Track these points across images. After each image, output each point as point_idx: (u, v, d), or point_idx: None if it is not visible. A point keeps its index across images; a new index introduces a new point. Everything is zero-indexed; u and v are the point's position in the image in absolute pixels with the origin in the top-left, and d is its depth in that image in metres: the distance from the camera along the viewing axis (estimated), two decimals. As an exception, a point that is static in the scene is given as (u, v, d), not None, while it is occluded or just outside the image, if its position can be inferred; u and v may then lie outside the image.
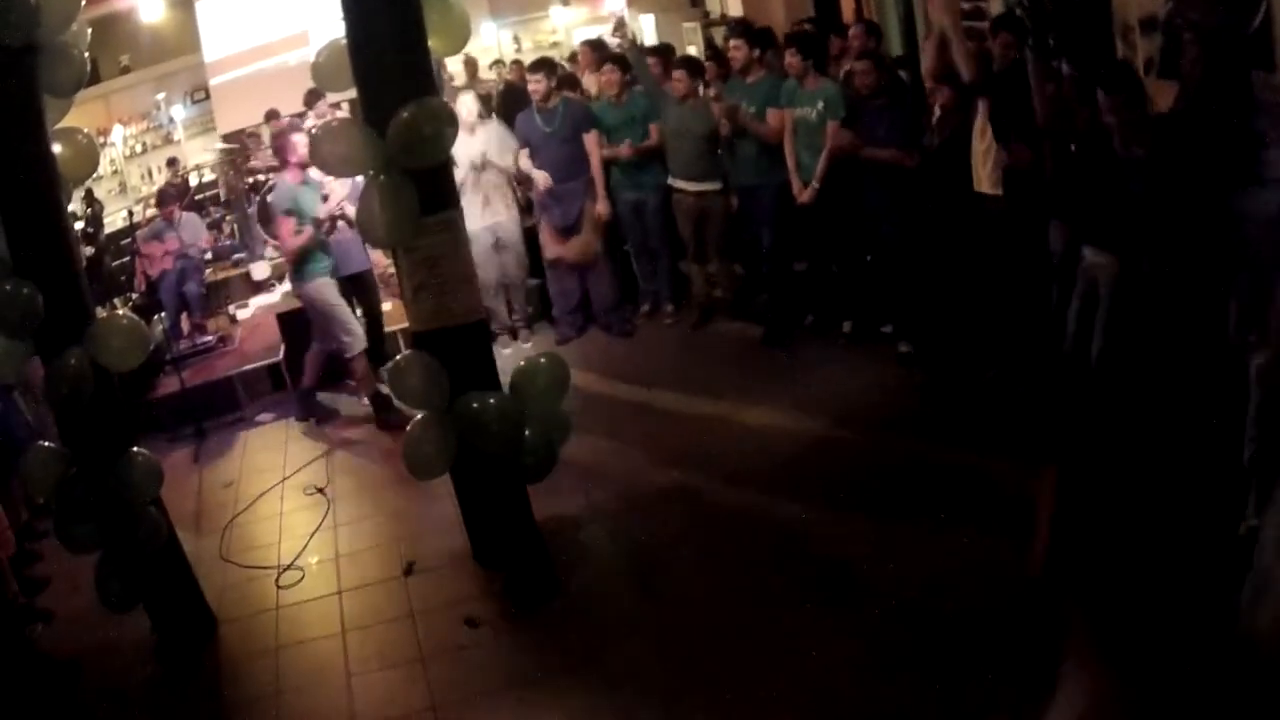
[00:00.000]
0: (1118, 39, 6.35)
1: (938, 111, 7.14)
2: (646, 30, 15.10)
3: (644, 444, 7.24)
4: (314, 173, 8.05)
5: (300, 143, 7.99)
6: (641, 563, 5.87)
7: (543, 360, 6.13)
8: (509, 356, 8.52)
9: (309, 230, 8.18)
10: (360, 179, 5.89)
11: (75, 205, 10.47)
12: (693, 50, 12.32)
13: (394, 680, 5.36)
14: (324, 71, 5.82)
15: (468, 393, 5.65)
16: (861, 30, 8.22)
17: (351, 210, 8.09)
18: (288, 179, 8.35)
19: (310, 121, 10.16)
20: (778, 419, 7.13)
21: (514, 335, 9.51)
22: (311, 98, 11.31)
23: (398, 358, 6.00)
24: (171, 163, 14.18)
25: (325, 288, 8.24)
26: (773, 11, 11.74)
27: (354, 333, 8.42)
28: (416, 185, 5.43)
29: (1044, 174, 6.14)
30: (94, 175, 6.82)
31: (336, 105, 10.63)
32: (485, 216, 8.91)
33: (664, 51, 10.07)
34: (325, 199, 8.20)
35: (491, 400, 5.69)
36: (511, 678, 5.14)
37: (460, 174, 7.51)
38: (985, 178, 6.75)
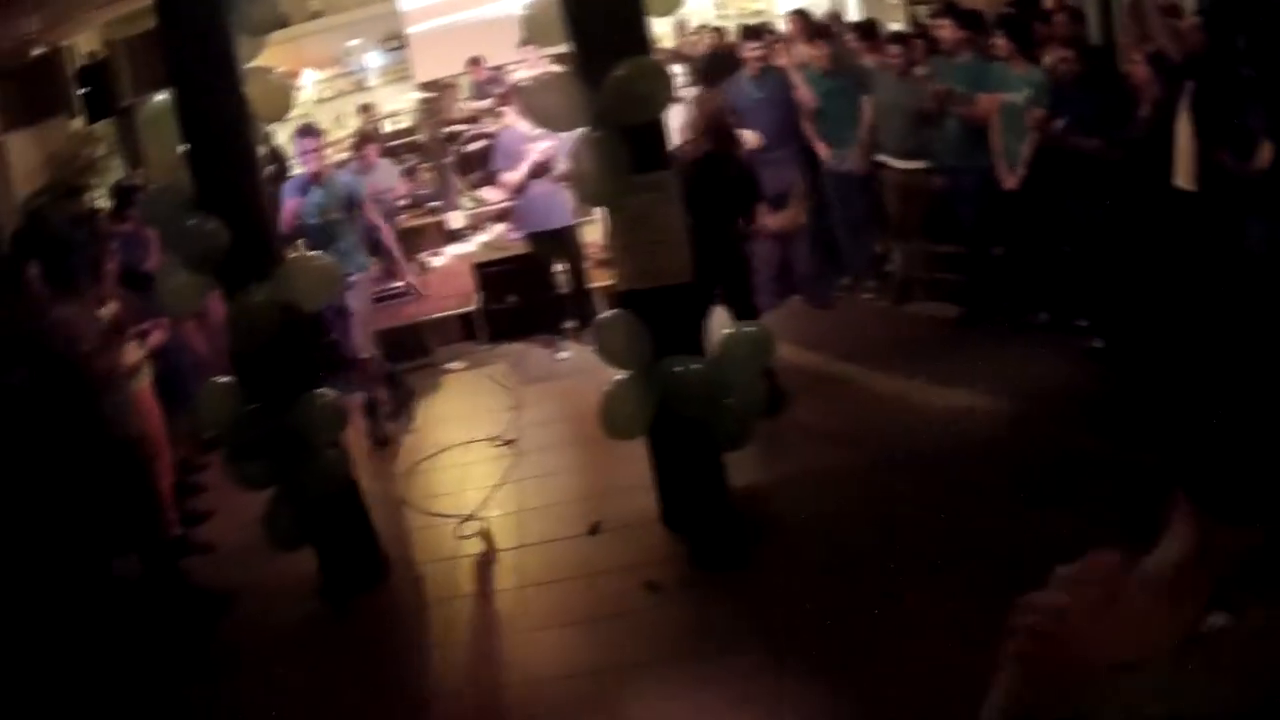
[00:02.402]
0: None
1: (1145, 109, 6.87)
2: (851, 4, 14.69)
3: (835, 417, 7.09)
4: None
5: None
6: (827, 539, 5.67)
7: (750, 329, 6.05)
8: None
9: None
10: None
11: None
12: (895, 26, 11.92)
13: (566, 639, 5.32)
14: (535, 25, 5.77)
15: (671, 355, 5.54)
16: (1066, 17, 8.05)
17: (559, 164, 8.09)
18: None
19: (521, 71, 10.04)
20: (966, 402, 6.89)
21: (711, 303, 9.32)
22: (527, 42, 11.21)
23: (602, 316, 5.95)
24: (366, 108, 14.27)
25: None
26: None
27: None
28: (628, 143, 5.32)
29: (1248, 170, 5.97)
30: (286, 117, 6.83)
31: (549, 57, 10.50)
32: None
33: (867, 27, 9.78)
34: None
35: (695, 365, 5.58)
36: (685, 646, 5.02)
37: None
38: (1185, 172, 6.46)
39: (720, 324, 6.41)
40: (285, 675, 5.38)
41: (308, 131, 7.96)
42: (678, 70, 8.60)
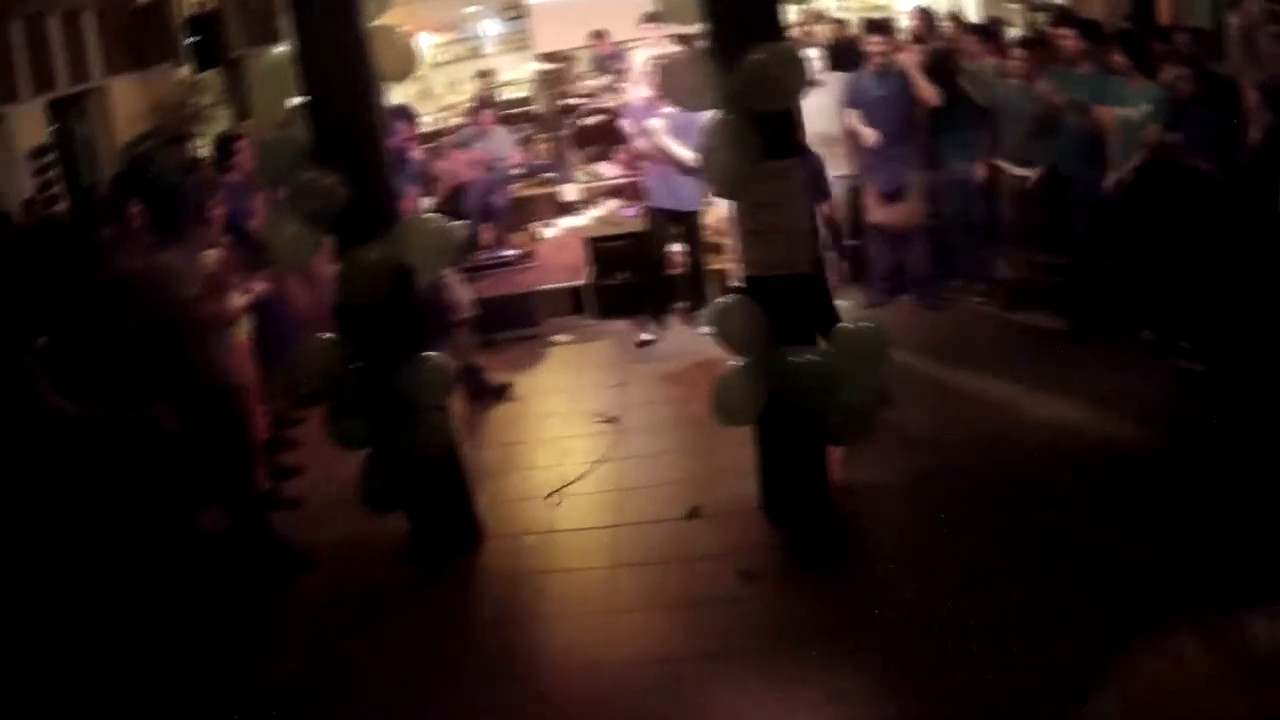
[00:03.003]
0: None
1: (1255, 133, 6.77)
2: (969, 6, 14.43)
3: (931, 419, 6.97)
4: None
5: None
6: (925, 539, 5.60)
7: (867, 325, 5.99)
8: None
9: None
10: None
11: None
12: (1013, 32, 11.72)
13: (656, 623, 5.26)
14: (671, 2, 5.74)
15: (788, 345, 5.48)
16: (1189, 37, 7.98)
17: (678, 150, 8.10)
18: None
19: (642, 51, 9.93)
20: (1065, 414, 6.77)
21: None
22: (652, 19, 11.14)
23: (721, 299, 5.90)
24: (484, 74, 14.29)
25: None
26: (1093, 5, 11.08)
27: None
28: (758, 129, 5.25)
29: None
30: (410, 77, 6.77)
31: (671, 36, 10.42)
32: None
33: (986, 30, 9.60)
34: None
35: (811, 356, 5.51)
36: (777, 638, 4.95)
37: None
38: None
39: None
40: (366, 637, 5.37)
41: (403, 114, 7.88)
42: (814, 56, 8.46)
